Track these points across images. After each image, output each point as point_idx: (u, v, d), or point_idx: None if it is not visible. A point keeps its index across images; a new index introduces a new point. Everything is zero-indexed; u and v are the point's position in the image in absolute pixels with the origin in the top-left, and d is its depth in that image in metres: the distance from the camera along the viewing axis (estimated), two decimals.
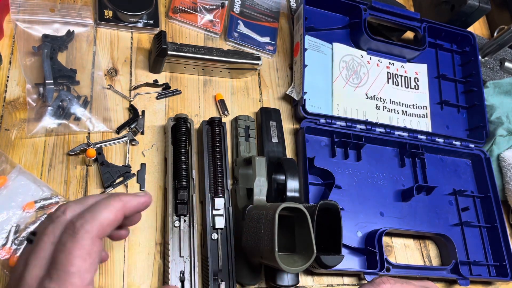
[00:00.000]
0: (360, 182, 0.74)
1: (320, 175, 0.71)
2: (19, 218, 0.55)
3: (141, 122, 0.66)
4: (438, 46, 0.91)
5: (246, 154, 0.67)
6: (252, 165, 0.60)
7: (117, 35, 0.72)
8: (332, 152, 0.74)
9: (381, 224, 0.71)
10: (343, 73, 0.82)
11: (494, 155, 0.83)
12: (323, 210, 0.52)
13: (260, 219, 0.51)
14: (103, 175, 0.60)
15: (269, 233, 0.48)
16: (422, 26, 0.87)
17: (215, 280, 0.57)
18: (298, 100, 0.73)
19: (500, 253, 0.75)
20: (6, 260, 0.52)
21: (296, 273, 0.49)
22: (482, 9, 0.87)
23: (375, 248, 0.66)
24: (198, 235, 0.61)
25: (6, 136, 0.60)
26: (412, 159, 0.79)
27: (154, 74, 0.71)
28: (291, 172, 0.61)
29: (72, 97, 0.63)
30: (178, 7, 0.76)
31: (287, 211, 0.49)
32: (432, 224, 0.75)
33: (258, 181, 0.59)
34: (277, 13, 0.83)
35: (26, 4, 0.65)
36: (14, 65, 0.64)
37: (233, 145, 0.69)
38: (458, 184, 0.81)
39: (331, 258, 0.50)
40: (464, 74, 0.91)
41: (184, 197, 0.60)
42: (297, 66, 0.77)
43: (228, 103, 0.73)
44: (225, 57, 0.70)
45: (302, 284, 0.64)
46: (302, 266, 0.47)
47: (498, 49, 0.92)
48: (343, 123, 0.75)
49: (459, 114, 0.88)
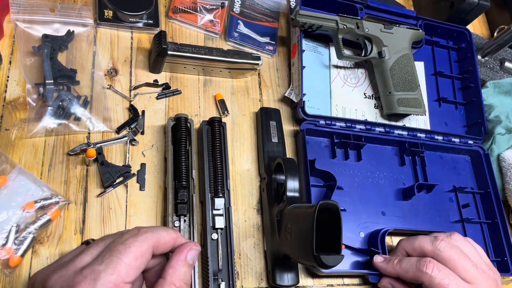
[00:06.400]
0: (361, 182, 0.74)
1: (321, 177, 0.71)
2: (19, 218, 0.55)
3: (141, 122, 0.66)
4: (434, 43, 0.91)
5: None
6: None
7: (117, 35, 0.72)
8: (332, 153, 0.74)
9: (383, 224, 0.71)
10: (341, 73, 0.82)
11: (494, 155, 0.83)
12: (323, 210, 0.52)
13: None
14: (103, 175, 0.60)
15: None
16: (418, 23, 0.87)
17: (215, 280, 0.57)
18: (297, 102, 0.73)
19: (501, 249, 0.75)
20: (6, 260, 0.52)
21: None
22: (481, 6, 0.87)
23: (378, 248, 0.66)
24: (198, 235, 0.61)
25: (6, 136, 0.60)
26: (412, 157, 0.79)
27: (154, 74, 0.71)
28: (291, 172, 0.61)
29: (72, 97, 0.63)
30: (178, 7, 0.76)
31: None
32: (433, 222, 0.75)
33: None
34: (277, 13, 0.83)
35: (26, 4, 0.66)
36: (14, 65, 0.64)
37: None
38: (458, 181, 0.81)
39: (331, 258, 0.50)
40: (461, 70, 0.91)
41: (184, 197, 0.60)
42: (294, 68, 0.77)
43: (228, 103, 0.73)
44: (225, 57, 0.70)
45: (302, 284, 0.64)
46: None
47: (498, 49, 0.92)
48: (343, 124, 0.75)
49: (457, 110, 0.88)
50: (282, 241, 0.58)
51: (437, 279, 0.56)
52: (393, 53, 0.79)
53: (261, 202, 0.68)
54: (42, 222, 0.55)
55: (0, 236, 0.53)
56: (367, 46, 0.80)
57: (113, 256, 0.38)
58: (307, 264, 0.57)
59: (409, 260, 0.59)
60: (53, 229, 0.57)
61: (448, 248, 0.58)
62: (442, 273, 0.56)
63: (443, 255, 0.58)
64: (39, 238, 0.55)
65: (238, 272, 0.62)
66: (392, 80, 0.78)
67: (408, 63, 0.79)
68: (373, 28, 0.79)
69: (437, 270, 0.56)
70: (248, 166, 0.70)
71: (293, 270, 0.61)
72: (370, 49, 0.80)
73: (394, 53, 0.79)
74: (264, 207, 0.66)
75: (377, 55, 0.79)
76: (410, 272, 0.58)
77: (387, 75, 0.78)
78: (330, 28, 0.77)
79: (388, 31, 0.80)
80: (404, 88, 0.78)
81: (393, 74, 0.78)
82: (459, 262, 0.57)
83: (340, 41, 0.77)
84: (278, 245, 0.60)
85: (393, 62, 0.79)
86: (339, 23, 0.76)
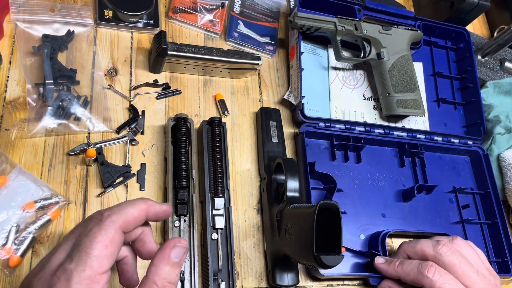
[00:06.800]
0: (361, 184, 0.74)
1: (321, 179, 0.71)
2: (19, 218, 0.55)
3: (141, 122, 0.66)
4: (433, 43, 0.91)
5: None
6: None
7: (117, 35, 0.72)
8: (332, 155, 0.74)
9: (384, 226, 0.71)
10: (340, 75, 0.82)
11: (494, 155, 0.83)
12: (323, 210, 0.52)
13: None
14: (103, 175, 0.60)
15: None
16: (416, 24, 0.87)
17: (215, 280, 0.57)
18: (296, 104, 0.73)
19: (502, 250, 0.75)
20: (6, 260, 0.52)
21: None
22: (481, 6, 0.87)
23: (378, 250, 0.66)
24: (198, 235, 0.61)
25: (6, 136, 0.60)
26: (411, 158, 0.79)
27: (154, 74, 0.71)
28: (291, 172, 0.61)
29: (72, 97, 0.63)
30: (178, 7, 0.76)
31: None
32: (434, 223, 0.75)
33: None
34: (277, 13, 0.84)
35: (26, 4, 0.66)
36: (14, 65, 0.64)
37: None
38: (458, 182, 0.81)
39: (331, 258, 0.50)
40: (460, 70, 0.91)
41: (184, 197, 0.60)
42: (293, 70, 0.77)
43: (228, 103, 0.73)
44: (225, 57, 0.70)
45: (302, 284, 0.64)
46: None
47: (498, 49, 0.92)
48: (342, 126, 0.75)
49: (456, 111, 0.88)
50: (282, 241, 0.58)
51: (438, 283, 0.56)
52: (391, 54, 0.79)
53: (261, 202, 0.68)
54: (42, 222, 0.55)
55: (0, 236, 0.53)
56: (365, 48, 0.80)
57: (81, 252, 0.37)
58: (307, 264, 0.57)
59: (410, 263, 0.60)
60: (53, 229, 0.57)
61: (450, 253, 0.58)
62: (443, 277, 0.56)
63: (444, 260, 0.58)
64: (39, 238, 0.55)
65: (238, 272, 0.62)
66: (391, 82, 0.78)
67: (407, 64, 0.80)
68: (372, 30, 0.79)
69: (439, 274, 0.56)
70: (248, 166, 0.70)
71: (293, 270, 0.61)
72: (368, 50, 0.80)
73: (392, 54, 0.79)
74: (264, 207, 0.66)
75: (376, 57, 0.79)
76: (411, 274, 0.58)
77: (386, 76, 0.78)
78: (329, 30, 0.77)
79: (387, 32, 0.80)
80: (403, 89, 0.78)
81: (392, 76, 0.78)
82: (460, 268, 0.57)
83: (338, 43, 0.77)
84: (278, 245, 0.60)
85: (392, 63, 0.79)
86: (337, 24, 0.76)
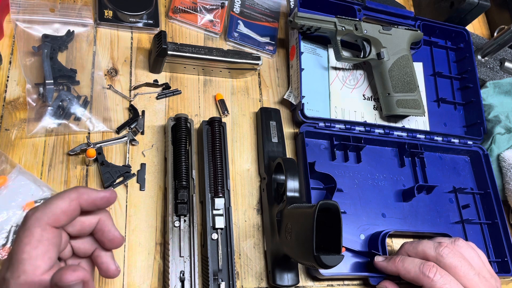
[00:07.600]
0: (361, 184, 0.74)
1: (321, 179, 0.71)
2: (19, 218, 0.54)
3: (141, 122, 0.66)
4: (433, 43, 0.91)
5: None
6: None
7: (117, 35, 0.72)
8: (332, 155, 0.74)
9: (384, 226, 0.71)
10: (340, 75, 0.82)
11: (494, 155, 0.83)
12: (323, 210, 0.52)
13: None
14: (103, 175, 0.60)
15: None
16: (416, 24, 0.87)
17: (215, 280, 0.57)
18: (296, 104, 0.73)
19: (502, 250, 0.75)
20: None
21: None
22: (481, 6, 0.87)
23: (378, 250, 0.66)
24: (198, 235, 0.61)
25: (6, 136, 0.60)
26: (411, 158, 0.79)
27: (154, 74, 0.71)
28: (291, 172, 0.61)
29: (72, 97, 0.63)
30: (178, 7, 0.76)
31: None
32: (434, 223, 0.75)
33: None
34: (277, 13, 0.84)
35: (26, 4, 0.66)
36: (14, 65, 0.64)
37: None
38: (458, 182, 0.81)
39: (331, 258, 0.50)
40: (460, 70, 0.91)
41: (184, 197, 0.60)
42: (293, 70, 0.77)
43: (228, 103, 0.73)
44: (225, 57, 0.70)
45: (302, 284, 0.64)
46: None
47: (498, 49, 0.92)
48: (342, 126, 0.75)
49: (456, 111, 0.88)
50: (282, 241, 0.58)
51: (438, 284, 0.56)
52: (391, 54, 0.79)
53: (261, 202, 0.68)
54: None
55: (0, 236, 0.53)
56: (365, 48, 0.80)
57: (12, 259, 0.36)
58: (307, 264, 0.57)
59: (412, 261, 0.59)
60: None
61: (452, 255, 0.58)
62: (444, 278, 0.56)
63: (445, 261, 0.58)
64: None
65: (238, 272, 0.62)
66: (391, 82, 0.78)
67: (407, 64, 0.80)
68: (372, 30, 0.79)
69: (440, 275, 0.56)
70: (248, 166, 0.70)
71: (293, 270, 0.61)
72: (368, 50, 0.80)
73: (392, 54, 0.79)
74: (264, 207, 0.66)
75: (376, 57, 0.79)
76: (412, 272, 0.58)
77: (386, 76, 0.78)
78: (329, 30, 0.77)
79: (387, 32, 0.80)
80: (403, 89, 0.78)
81: (392, 76, 0.78)
82: (461, 270, 0.57)
83: (338, 42, 0.77)
84: (278, 245, 0.60)
85: (392, 63, 0.79)
86: (337, 24, 0.76)
